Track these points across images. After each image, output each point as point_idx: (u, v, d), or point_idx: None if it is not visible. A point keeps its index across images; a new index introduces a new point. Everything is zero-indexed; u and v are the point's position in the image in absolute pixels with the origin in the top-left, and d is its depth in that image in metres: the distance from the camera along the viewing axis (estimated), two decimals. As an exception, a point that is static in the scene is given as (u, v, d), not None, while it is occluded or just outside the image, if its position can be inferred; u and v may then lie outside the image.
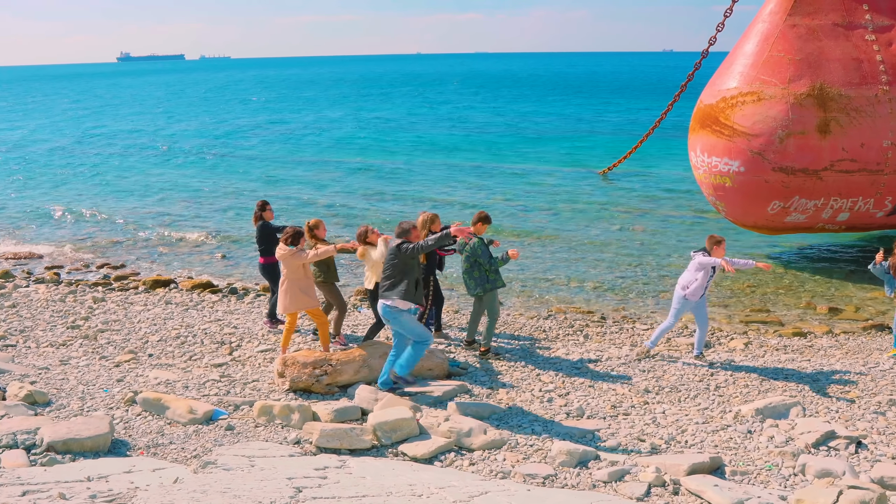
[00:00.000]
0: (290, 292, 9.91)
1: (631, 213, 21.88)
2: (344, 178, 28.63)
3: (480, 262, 10.16)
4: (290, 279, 9.91)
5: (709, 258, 10.02)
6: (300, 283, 9.89)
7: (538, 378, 9.68)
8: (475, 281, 10.26)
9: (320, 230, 10.35)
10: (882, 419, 8.56)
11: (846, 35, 15.32)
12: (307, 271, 10.01)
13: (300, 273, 9.90)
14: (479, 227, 10.33)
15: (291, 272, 9.89)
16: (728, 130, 15.36)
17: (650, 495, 6.68)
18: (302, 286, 9.89)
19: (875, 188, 15.22)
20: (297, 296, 9.88)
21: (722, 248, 10.16)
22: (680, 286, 10.36)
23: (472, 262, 10.22)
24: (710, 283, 10.29)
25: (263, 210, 11.59)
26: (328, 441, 7.58)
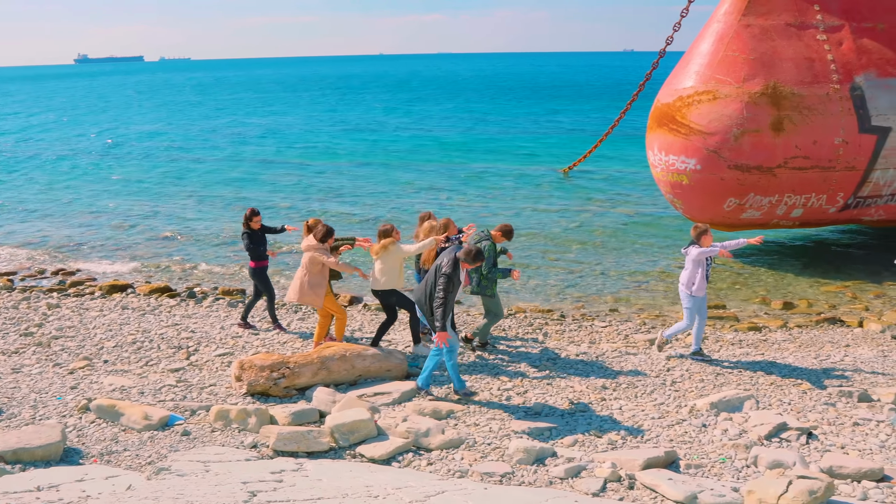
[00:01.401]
0: (301, 283, 10.18)
1: (590, 211, 22.05)
2: (304, 179, 28.46)
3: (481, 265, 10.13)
4: (307, 271, 10.18)
5: (704, 250, 10.02)
6: (314, 279, 10.14)
7: (497, 377, 9.72)
8: (472, 283, 10.34)
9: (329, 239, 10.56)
10: (832, 410, 8.73)
11: (798, 35, 15.59)
12: (324, 270, 10.23)
13: (317, 268, 10.16)
14: (497, 236, 10.42)
15: (311, 265, 10.15)
16: (685, 129, 15.55)
17: (606, 490, 6.74)
18: (314, 282, 10.14)
19: (827, 184, 15.50)
20: (306, 290, 10.14)
21: (709, 236, 10.22)
22: (684, 285, 10.36)
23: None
24: (709, 274, 10.34)
25: (251, 219, 11.54)
26: (285, 444, 7.54)
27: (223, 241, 19.11)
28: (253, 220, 11.52)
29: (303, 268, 10.21)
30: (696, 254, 10.05)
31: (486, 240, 10.30)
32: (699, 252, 10.01)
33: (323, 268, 10.15)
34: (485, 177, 28.22)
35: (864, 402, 9.03)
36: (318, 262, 10.09)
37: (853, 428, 8.29)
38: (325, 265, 10.12)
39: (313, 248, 10.08)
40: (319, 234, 10.12)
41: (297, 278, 10.27)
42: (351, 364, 9.39)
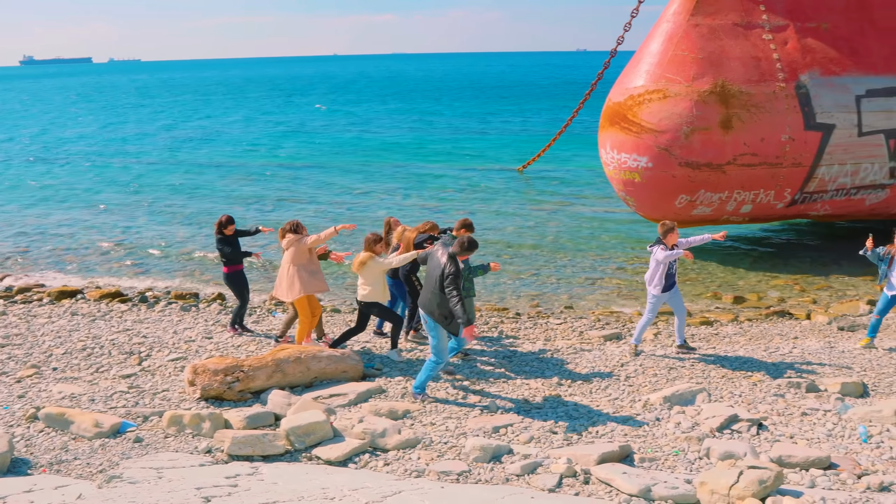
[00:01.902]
0: (299, 277, 10.18)
1: (544, 210, 22.21)
2: (257, 181, 28.19)
3: None
4: (297, 264, 10.20)
5: (670, 253, 10.10)
6: (308, 268, 10.21)
7: (453, 375, 9.73)
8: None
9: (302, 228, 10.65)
10: (781, 401, 8.92)
11: (745, 34, 15.88)
12: (313, 256, 10.33)
13: (306, 258, 10.23)
14: (461, 233, 10.18)
15: (298, 257, 10.20)
16: (636, 127, 15.75)
17: (562, 486, 6.80)
18: (310, 270, 10.22)
19: (775, 181, 15.81)
20: (308, 279, 10.17)
21: (675, 234, 10.31)
22: (647, 282, 10.50)
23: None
24: (675, 271, 10.42)
25: (226, 227, 11.40)
26: (240, 448, 7.47)
27: (174, 245, 18.84)
28: (228, 227, 11.38)
29: (290, 264, 10.25)
30: (661, 257, 10.16)
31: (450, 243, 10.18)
32: (665, 256, 10.12)
33: (311, 254, 10.28)
34: (438, 177, 28.24)
35: (812, 393, 9.24)
36: (305, 251, 10.20)
37: (801, 418, 8.47)
38: (312, 251, 10.28)
39: (294, 240, 10.24)
40: (293, 228, 10.37)
41: (287, 277, 10.25)
42: (306, 366, 9.33)
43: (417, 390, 8.91)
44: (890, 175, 16.20)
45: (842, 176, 16.06)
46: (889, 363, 10.44)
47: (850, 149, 15.79)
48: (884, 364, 10.40)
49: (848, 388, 9.26)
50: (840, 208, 16.77)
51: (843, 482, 6.88)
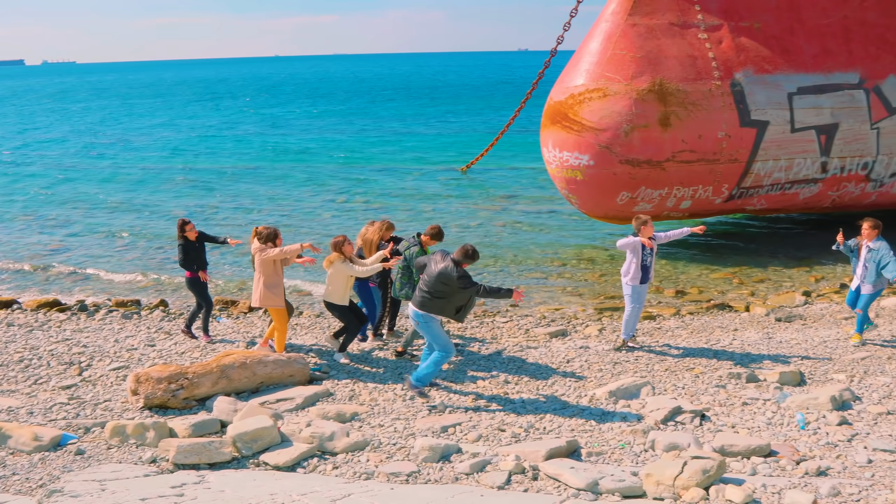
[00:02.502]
0: (259, 288, 10.08)
1: (488, 209, 22.34)
2: (197, 185, 27.73)
3: (413, 269, 10.15)
4: (261, 274, 10.06)
5: (628, 239, 10.30)
6: (269, 280, 10.05)
7: (400, 377, 9.73)
8: (402, 284, 10.35)
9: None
10: (723, 392, 9.13)
11: (681, 34, 16.19)
12: (277, 269, 10.12)
13: (270, 269, 10.05)
14: (426, 241, 10.37)
15: (263, 267, 10.05)
16: (577, 126, 15.93)
17: (511, 483, 6.85)
18: (270, 283, 10.04)
19: (713, 176, 16.16)
20: (264, 293, 10.05)
21: (648, 227, 10.44)
22: (622, 274, 10.65)
23: (405, 267, 10.28)
24: (651, 264, 10.52)
25: (183, 229, 11.22)
26: (186, 457, 7.35)
27: (113, 253, 18.45)
28: (186, 229, 11.20)
29: (257, 272, 10.14)
30: (621, 242, 10.38)
31: (415, 245, 10.26)
32: (625, 242, 10.34)
33: (276, 267, 10.11)
34: (381, 178, 28.16)
35: (752, 383, 9.48)
36: (270, 263, 10.04)
37: (742, 407, 8.69)
38: (277, 263, 10.10)
39: (260, 249, 10.08)
40: (262, 236, 10.15)
41: (255, 284, 10.19)
42: (252, 371, 9.24)
43: (418, 383, 8.87)
44: (822, 169, 16.69)
45: (776, 171, 16.49)
46: (824, 352, 10.76)
47: (783, 145, 16.22)
48: (819, 353, 10.72)
49: (786, 378, 9.52)
50: (775, 202, 17.21)
51: (783, 468, 7.08)
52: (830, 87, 16.47)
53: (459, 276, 8.40)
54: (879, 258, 10.50)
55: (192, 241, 11.20)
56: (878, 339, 11.31)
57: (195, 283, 11.32)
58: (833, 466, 7.11)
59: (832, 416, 8.27)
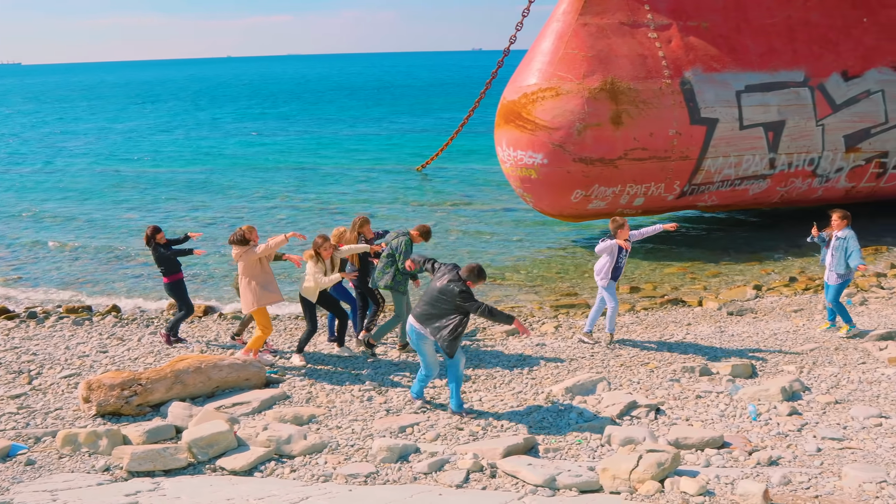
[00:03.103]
0: (251, 289, 9.86)
1: (444, 208, 22.39)
2: (149, 189, 27.30)
3: (397, 259, 10.24)
4: (248, 276, 9.87)
5: (606, 242, 10.52)
6: (259, 279, 9.86)
7: (357, 378, 9.71)
8: (382, 273, 10.37)
9: (253, 235, 10.32)
10: (677, 385, 9.28)
11: (631, 33, 16.40)
12: (265, 266, 9.98)
13: (257, 269, 9.89)
14: (415, 237, 10.49)
15: (249, 269, 9.87)
16: (530, 125, 16.04)
17: (469, 481, 6.87)
18: (261, 282, 9.86)
19: (665, 173, 16.39)
20: (259, 292, 9.83)
21: (625, 229, 10.61)
22: (596, 273, 10.82)
23: (390, 257, 10.33)
24: (623, 264, 10.75)
25: (154, 236, 11.10)
26: (140, 464, 7.24)
27: (64, 259, 18.09)
28: (157, 237, 11.10)
29: (244, 276, 9.96)
30: (600, 247, 10.63)
31: (404, 235, 10.37)
32: (603, 246, 10.58)
33: (263, 265, 9.98)
34: (335, 179, 28.00)
35: (705, 376, 9.64)
36: (255, 261, 9.89)
37: (696, 401, 8.83)
38: (262, 260, 9.97)
39: (241, 251, 9.92)
40: (239, 239, 9.95)
41: (243, 289, 9.98)
42: (207, 376, 9.13)
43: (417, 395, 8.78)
44: (770, 166, 17.03)
45: (726, 167, 16.78)
46: (774, 344, 10.99)
47: (732, 141, 16.52)
48: (770, 345, 10.94)
49: (738, 370, 9.71)
50: (726, 198, 17.52)
51: (736, 459, 7.22)
52: (777, 85, 16.82)
53: (461, 290, 8.02)
54: (846, 247, 10.79)
55: (162, 246, 11.07)
56: (826, 329, 11.57)
57: (176, 288, 11.22)
58: (784, 456, 7.27)
59: (783, 407, 8.45)
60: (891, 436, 7.66)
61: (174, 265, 11.16)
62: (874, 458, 7.14)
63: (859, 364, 10.03)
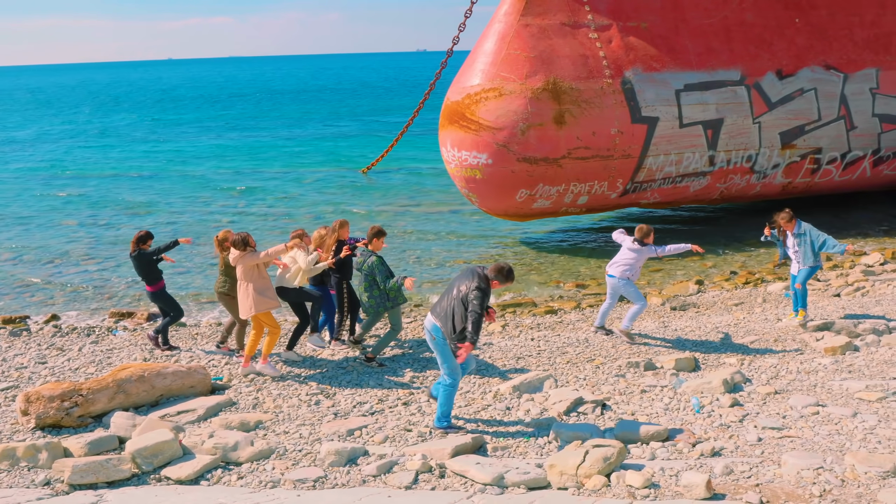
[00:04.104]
0: (248, 294, 9.67)
1: (390, 210, 22.36)
2: (90, 194, 26.68)
3: (378, 280, 9.99)
4: (247, 280, 9.67)
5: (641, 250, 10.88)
6: (257, 284, 9.66)
7: (305, 382, 9.63)
8: (375, 300, 10.11)
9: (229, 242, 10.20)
10: (622, 381, 9.41)
11: (573, 33, 16.59)
12: (262, 272, 9.78)
13: (255, 274, 9.70)
14: (375, 244, 10.13)
15: (247, 273, 9.67)
16: (474, 125, 16.11)
17: (418, 482, 6.87)
18: (259, 287, 9.66)
19: (608, 172, 16.62)
20: (257, 298, 9.63)
21: (651, 236, 10.97)
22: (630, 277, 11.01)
23: (370, 280, 10.06)
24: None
25: (144, 242, 10.84)
26: (82, 476, 7.07)
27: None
28: (147, 242, 10.88)
29: (242, 280, 9.75)
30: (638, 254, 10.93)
31: (371, 256, 10.09)
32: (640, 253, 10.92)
33: (260, 270, 9.79)
34: (279, 182, 27.70)
35: (650, 371, 9.80)
36: (253, 266, 9.71)
37: (641, 395, 8.97)
38: (260, 266, 9.78)
39: (240, 257, 9.71)
40: (238, 243, 9.73)
41: (241, 294, 9.78)
42: (150, 384, 8.97)
43: (444, 423, 7.99)
44: (709, 163, 17.39)
45: (667, 165, 17.08)
46: (716, 337, 11.22)
47: (673, 139, 16.83)
48: (712, 338, 11.17)
49: (681, 364, 9.89)
50: (668, 195, 17.83)
51: (680, 451, 7.35)
52: (714, 84, 17.19)
53: (477, 286, 7.53)
54: (812, 241, 11.18)
55: (145, 252, 10.86)
56: (765, 322, 11.87)
57: (161, 295, 11.03)
58: (726, 446, 7.43)
59: (725, 399, 8.64)
60: (827, 423, 7.88)
61: (157, 273, 10.94)
62: (812, 446, 7.34)
63: (797, 355, 10.31)
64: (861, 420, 7.89)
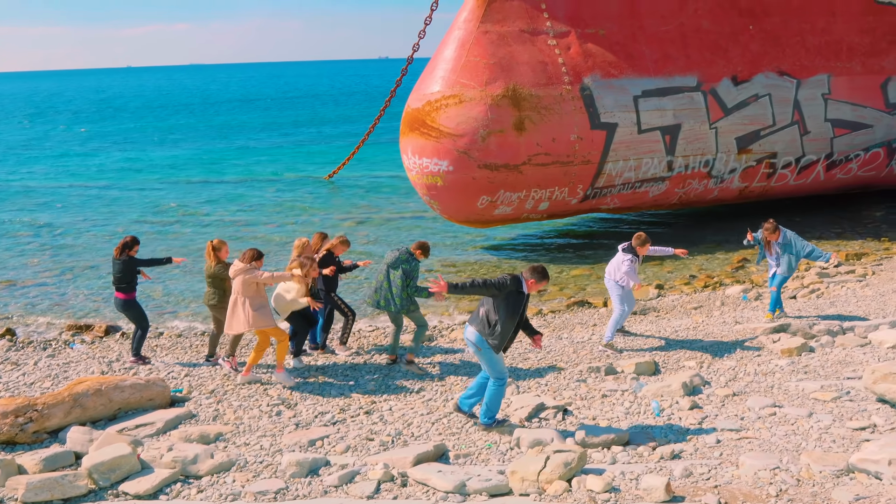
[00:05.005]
0: (244, 310, 9.53)
1: (353, 217, 22.30)
2: (44, 207, 26.22)
3: (410, 282, 10.04)
4: (244, 296, 9.54)
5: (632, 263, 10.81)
6: (254, 301, 9.55)
7: (265, 393, 9.54)
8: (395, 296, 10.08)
9: (222, 252, 10.38)
10: (584, 386, 9.48)
11: (532, 40, 16.70)
12: (260, 290, 9.66)
13: (253, 290, 9.58)
14: (419, 255, 10.22)
15: (246, 289, 9.53)
16: (435, 132, 16.14)
17: (380, 491, 6.85)
18: (256, 304, 9.55)
19: (568, 178, 16.75)
20: (253, 315, 9.52)
21: (646, 247, 10.94)
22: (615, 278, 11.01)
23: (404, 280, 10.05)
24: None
25: (131, 248, 10.65)
26: (37, 494, 6.93)
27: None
28: (133, 248, 10.69)
29: (237, 294, 9.59)
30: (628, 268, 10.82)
31: (415, 262, 10.16)
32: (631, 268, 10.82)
33: (259, 287, 9.66)
34: (241, 191, 27.42)
35: (611, 375, 9.89)
36: (253, 283, 9.57)
37: (602, 399, 9.05)
38: (259, 285, 9.65)
39: (242, 270, 9.57)
40: (248, 257, 9.68)
41: (236, 307, 9.61)
42: (108, 398, 8.82)
43: (488, 420, 8.16)
44: (668, 168, 17.61)
45: (627, 171, 17.27)
46: (675, 340, 11.35)
47: (631, 145, 17.01)
48: (671, 341, 11.30)
49: (641, 368, 9.99)
50: (627, 201, 18.01)
51: (640, 455, 7.43)
52: (672, 90, 17.42)
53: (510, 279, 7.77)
54: (798, 250, 11.49)
55: (129, 261, 10.65)
56: (724, 325, 12.03)
57: (132, 305, 10.78)
58: (686, 449, 7.52)
59: (684, 402, 8.74)
60: (784, 424, 8.01)
61: (135, 282, 10.74)
62: (769, 447, 7.45)
63: (755, 357, 10.46)
64: (816, 420, 8.04)
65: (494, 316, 7.78)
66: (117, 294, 10.81)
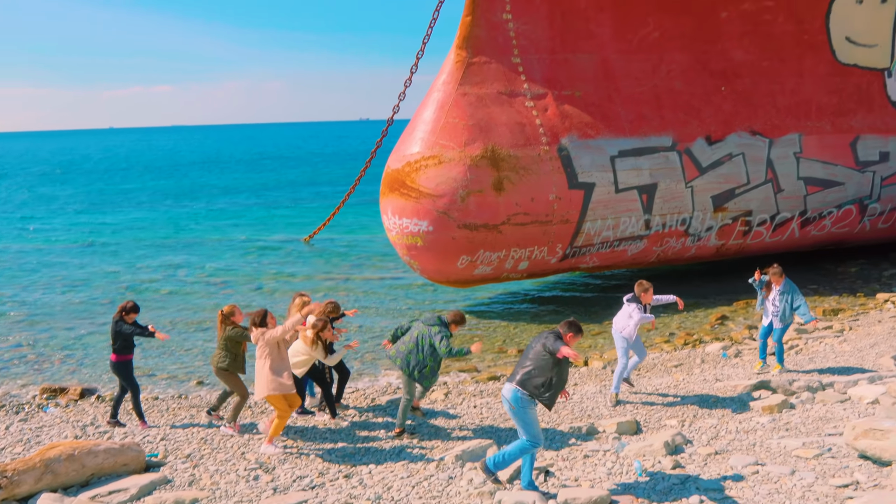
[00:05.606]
0: (264, 374, 9.39)
1: (333, 278, 22.25)
2: (19, 263, 25.99)
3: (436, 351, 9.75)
4: (268, 359, 9.40)
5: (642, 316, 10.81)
6: (275, 365, 9.39)
7: (243, 457, 9.38)
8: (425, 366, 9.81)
9: (236, 316, 10.30)
10: (565, 446, 9.38)
11: (510, 102, 16.97)
12: (282, 351, 9.52)
13: (275, 352, 9.44)
14: (452, 327, 9.98)
15: (270, 351, 9.41)
16: (415, 193, 16.25)
17: (359, 558, 6.71)
18: (276, 368, 9.38)
19: (547, 237, 16.85)
20: (270, 378, 9.34)
21: (650, 293, 11.03)
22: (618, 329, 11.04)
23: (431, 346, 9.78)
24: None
25: (128, 314, 10.58)
26: (4, 564, 6.74)
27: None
28: (130, 314, 10.61)
29: (264, 358, 9.43)
30: (637, 319, 10.80)
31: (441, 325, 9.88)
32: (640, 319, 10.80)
33: (281, 349, 9.50)
34: (219, 253, 27.26)
35: (592, 435, 9.80)
36: (275, 344, 9.41)
37: (584, 460, 8.96)
38: (281, 344, 9.50)
39: (261, 334, 9.47)
40: (258, 318, 9.65)
41: (260, 371, 9.45)
42: (81, 463, 8.63)
43: (493, 467, 8.08)
44: (645, 226, 17.78)
45: (605, 230, 17.41)
46: (657, 399, 11.32)
47: (609, 204, 17.19)
48: (653, 400, 11.26)
49: (623, 427, 9.93)
50: (606, 259, 18.12)
51: (623, 517, 7.32)
52: (647, 150, 17.70)
53: (555, 335, 7.86)
54: (792, 300, 11.86)
55: (127, 324, 10.57)
56: (705, 382, 12.03)
57: (125, 368, 10.66)
58: (669, 510, 7.43)
59: (666, 461, 8.68)
60: (767, 482, 7.96)
61: (131, 347, 10.67)
62: (752, 507, 7.39)
63: (736, 414, 10.44)
64: (799, 478, 8.00)
65: (548, 374, 7.78)
66: (112, 356, 10.75)
